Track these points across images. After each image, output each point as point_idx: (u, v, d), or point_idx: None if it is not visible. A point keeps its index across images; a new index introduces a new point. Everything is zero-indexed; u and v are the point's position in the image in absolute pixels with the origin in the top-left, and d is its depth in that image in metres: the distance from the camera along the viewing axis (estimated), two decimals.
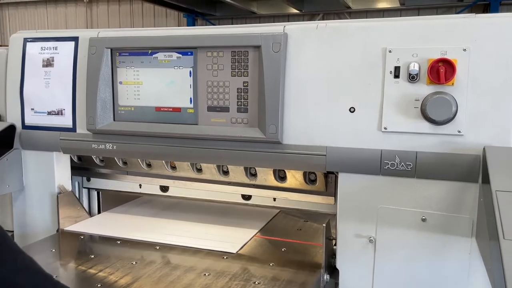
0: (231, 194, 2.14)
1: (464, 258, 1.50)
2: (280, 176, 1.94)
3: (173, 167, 2.10)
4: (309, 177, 1.91)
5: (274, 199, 2.08)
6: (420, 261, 1.55)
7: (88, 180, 2.35)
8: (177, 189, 2.24)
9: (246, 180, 1.98)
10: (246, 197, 2.14)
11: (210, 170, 2.01)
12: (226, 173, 2.01)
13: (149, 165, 2.13)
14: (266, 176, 1.94)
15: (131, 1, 10.20)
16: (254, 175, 1.97)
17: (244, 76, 1.68)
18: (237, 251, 1.80)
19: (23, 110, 2.03)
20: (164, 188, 2.27)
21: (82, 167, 2.28)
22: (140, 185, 2.30)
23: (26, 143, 2.04)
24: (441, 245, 1.52)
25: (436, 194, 1.51)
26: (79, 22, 10.68)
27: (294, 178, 1.92)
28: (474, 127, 1.45)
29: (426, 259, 1.54)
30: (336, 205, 1.83)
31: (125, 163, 2.17)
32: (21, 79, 2.01)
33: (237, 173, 1.97)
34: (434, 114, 1.44)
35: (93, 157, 2.16)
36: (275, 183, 1.95)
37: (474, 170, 1.45)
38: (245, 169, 1.95)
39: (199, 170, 2.05)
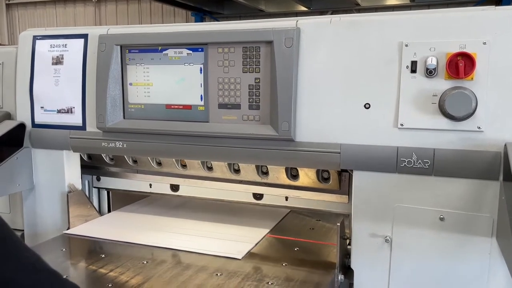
0: (242, 193, 2.11)
1: (484, 259, 1.45)
2: (293, 174, 1.91)
3: (184, 166, 2.07)
4: (322, 175, 1.87)
5: (286, 198, 2.04)
6: (438, 262, 1.51)
7: (98, 179, 2.32)
8: (188, 188, 2.20)
9: (257, 178, 1.95)
10: (258, 196, 2.10)
11: (221, 168, 1.98)
12: (237, 171, 1.98)
13: (159, 164, 2.10)
14: (278, 174, 1.90)
15: (139, 0, 10.21)
16: (265, 173, 1.94)
17: (255, 72, 1.64)
18: (242, 257, 1.72)
19: (33, 108, 2.01)
20: (175, 187, 2.24)
21: (92, 166, 2.26)
22: (151, 185, 2.27)
23: (36, 141, 2.02)
24: (459, 245, 1.48)
25: (455, 192, 1.46)
26: (87, 22, 10.71)
27: (306, 176, 1.88)
28: (495, 123, 1.40)
29: (444, 260, 1.50)
30: (350, 203, 1.79)
31: (135, 161, 2.15)
32: (30, 77, 2.00)
33: (248, 171, 1.94)
34: (453, 109, 1.39)
35: (103, 155, 2.14)
36: (287, 181, 1.92)
37: (494, 167, 1.40)
38: (257, 167, 1.92)
39: (210, 169, 2.02)
